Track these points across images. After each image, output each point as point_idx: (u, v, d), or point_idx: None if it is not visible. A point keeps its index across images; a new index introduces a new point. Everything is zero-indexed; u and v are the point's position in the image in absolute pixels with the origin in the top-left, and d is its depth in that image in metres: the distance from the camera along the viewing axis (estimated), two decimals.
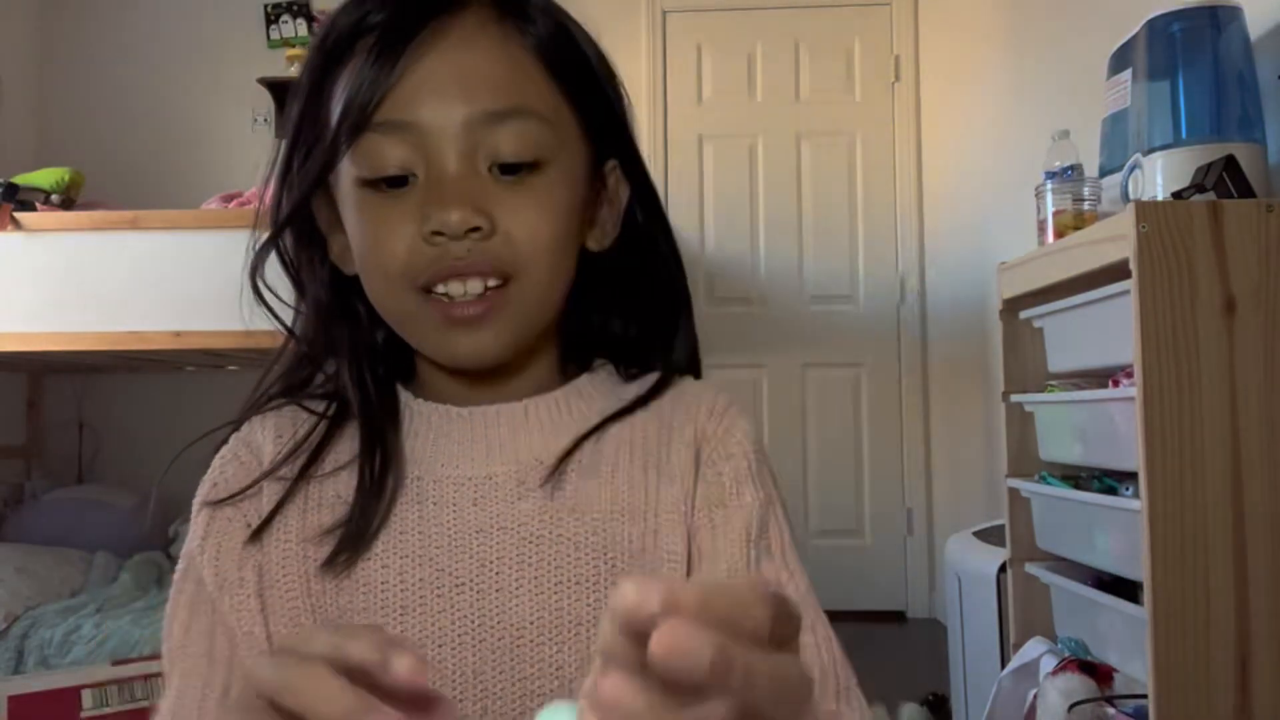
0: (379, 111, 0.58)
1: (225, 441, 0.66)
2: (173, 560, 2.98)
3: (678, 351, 0.70)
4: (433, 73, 0.58)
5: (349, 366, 0.65)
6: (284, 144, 0.64)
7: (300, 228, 0.66)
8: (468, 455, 0.63)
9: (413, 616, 0.59)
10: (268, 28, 3.91)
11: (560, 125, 0.61)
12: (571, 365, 0.69)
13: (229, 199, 2.66)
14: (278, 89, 3.85)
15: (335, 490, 0.62)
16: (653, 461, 0.64)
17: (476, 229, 0.57)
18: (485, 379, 0.64)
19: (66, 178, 2.70)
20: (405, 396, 0.66)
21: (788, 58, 3.92)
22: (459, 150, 0.58)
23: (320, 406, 0.66)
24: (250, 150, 3.85)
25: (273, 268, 0.68)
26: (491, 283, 0.59)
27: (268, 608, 0.60)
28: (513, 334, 0.61)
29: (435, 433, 0.64)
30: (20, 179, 2.61)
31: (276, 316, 0.67)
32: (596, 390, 0.67)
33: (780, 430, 3.76)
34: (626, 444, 0.64)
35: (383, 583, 0.59)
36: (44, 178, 2.68)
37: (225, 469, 0.64)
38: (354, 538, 0.59)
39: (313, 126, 0.62)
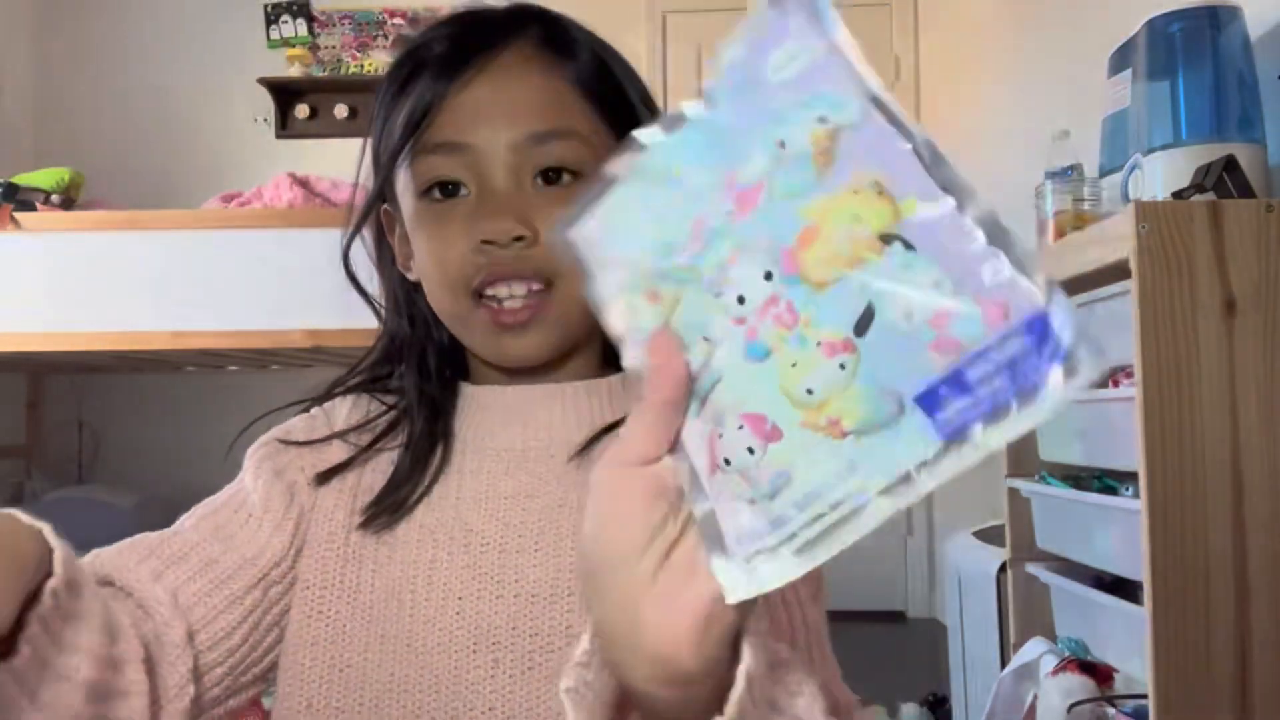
0: (433, 135, 0.66)
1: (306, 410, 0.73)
2: None
3: None
4: (482, 100, 0.66)
5: (411, 359, 0.72)
6: (365, 157, 0.72)
7: (376, 233, 0.75)
8: (505, 429, 0.69)
9: (440, 570, 0.64)
10: (268, 28, 3.91)
11: (600, 147, 0.67)
12: (612, 367, 0.74)
13: (229, 199, 2.66)
14: (278, 89, 3.86)
15: (391, 460, 0.69)
16: None
17: (521, 238, 0.64)
18: (532, 377, 0.70)
19: (66, 178, 2.70)
20: (466, 387, 0.72)
21: None
22: (506, 167, 0.65)
23: (392, 399, 0.73)
24: (250, 150, 3.86)
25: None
26: (535, 286, 0.65)
27: (306, 543, 0.67)
28: (556, 336, 0.67)
29: (482, 409, 0.70)
30: (20, 179, 2.61)
31: (369, 299, 0.75)
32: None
33: None
34: None
35: (418, 540, 0.65)
36: (44, 178, 2.68)
37: (295, 425, 0.72)
38: (393, 506, 0.66)
39: (384, 146, 0.69)
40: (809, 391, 0.35)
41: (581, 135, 0.67)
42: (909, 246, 0.34)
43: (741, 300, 0.36)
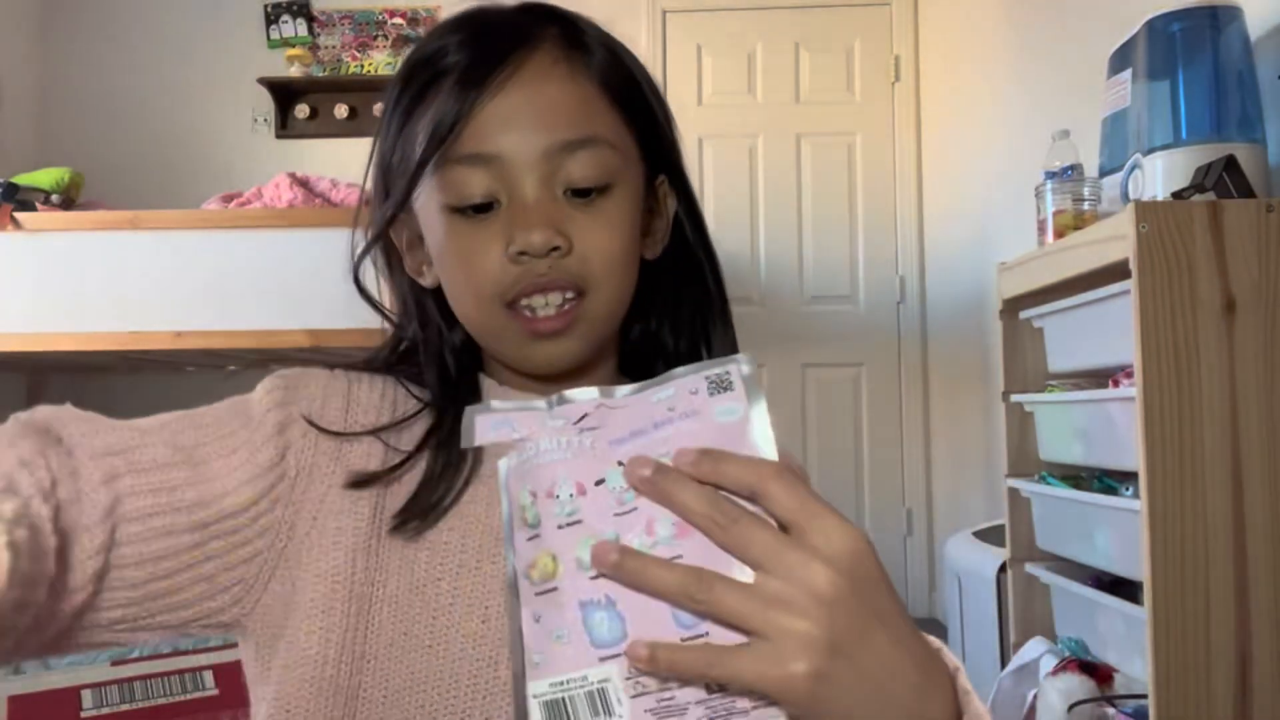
0: (462, 145, 0.64)
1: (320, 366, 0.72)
2: None
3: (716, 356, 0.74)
4: (512, 108, 0.65)
5: (430, 362, 0.72)
6: (372, 168, 0.71)
7: (384, 242, 0.73)
8: None
9: (467, 576, 0.64)
10: (268, 28, 3.91)
11: (624, 149, 0.68)
12: (626, 377, 0.74)
13: (229, 199, 2.66)
14: (278, 89, 3.86)
15: (419, 460, 0.68)
16: None
17: (556, 248, 0.64)
18: (555, 383, 0.68)
19: (66, 178, 2.70)
20: (488, 384, 0.72)
21: (788, 58, 3.92)
22: (538, 177, 0.65)
23: (418, 391, 0.72)
24: (250, 150, 3.86)
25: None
26: (569, 295, 0.66)
27: (324, 530, 0.64)
28: (586, 342, 0.68)
29: None
30: (20, 179, 2.61)
31: (380, 308, 0.74)
32: None
33: (780, 431, 3.76)
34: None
35: (445, 543, 0.65)
36: (44, 178, 2.68)
37: (313, 374, 0.69)
38: (423, 511, 0.65)
39: (401, 155, 0.68)
40: None
41: (609, 141, 0.67)
42: None
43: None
